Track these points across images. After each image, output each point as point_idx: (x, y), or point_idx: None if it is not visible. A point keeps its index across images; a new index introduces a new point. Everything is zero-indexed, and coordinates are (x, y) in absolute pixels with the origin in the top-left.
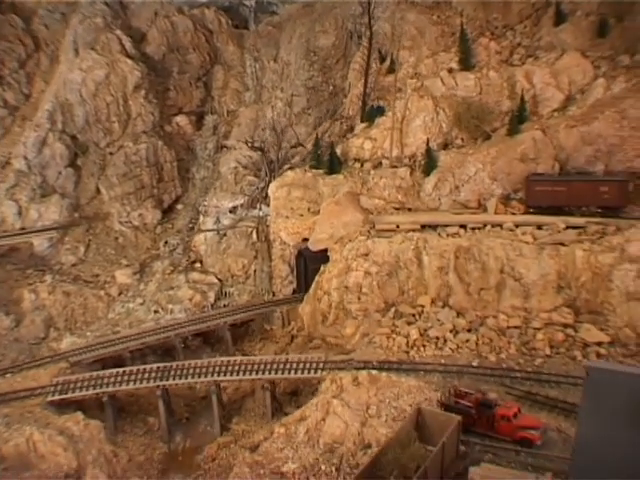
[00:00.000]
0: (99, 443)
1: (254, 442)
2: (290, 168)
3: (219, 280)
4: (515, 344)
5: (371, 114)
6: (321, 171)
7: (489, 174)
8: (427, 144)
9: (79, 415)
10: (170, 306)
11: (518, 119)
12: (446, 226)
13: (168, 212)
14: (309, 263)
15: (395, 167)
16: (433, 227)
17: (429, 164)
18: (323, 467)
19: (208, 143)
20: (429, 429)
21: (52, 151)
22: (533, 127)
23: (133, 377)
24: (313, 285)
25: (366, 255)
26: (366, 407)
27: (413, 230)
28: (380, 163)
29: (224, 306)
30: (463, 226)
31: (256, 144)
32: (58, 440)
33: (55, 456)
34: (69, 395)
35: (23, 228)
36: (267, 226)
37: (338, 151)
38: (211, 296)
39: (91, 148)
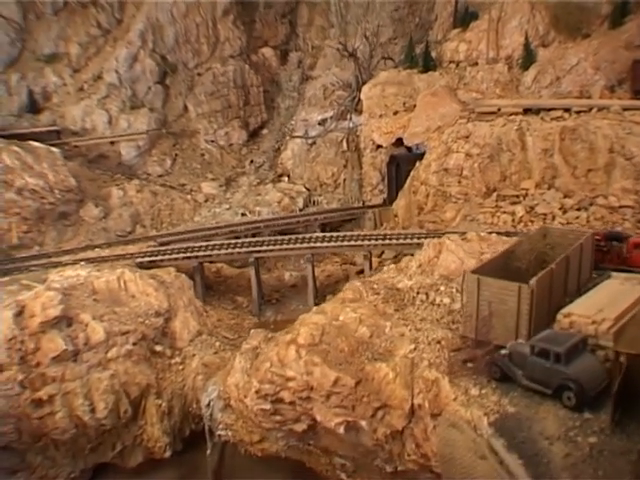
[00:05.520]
0: (190, 295)
1: None
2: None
3: (307, 189)
4: (630, 221)
5: (464, 19)
6: (415, 70)
7: (591, 64)
8: (525, 38)
9: (170, 268)
10: (258, 208)
11: (621, 12)
12: (549, 110)
13: (254, 136)
14: (402, 165)
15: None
16: (535, 112)
17: (527, 59)
18: (442, 288)
19: (293, 75)
20: (558, 247)
21: (142, 67)
22: (638, 17)
23: (225, 247)
24: (408, 180)
25: (467, 137)
26: (480, 253)
27: (515, 114)
28: (476, 63)
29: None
30: (567, 110)
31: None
32: (149, 282)
33: (146, 296)
34: (158, 258)
35: None
36: (357, 136)
37: (432, 54)
38: (299, 202)
39: (180, 68)
